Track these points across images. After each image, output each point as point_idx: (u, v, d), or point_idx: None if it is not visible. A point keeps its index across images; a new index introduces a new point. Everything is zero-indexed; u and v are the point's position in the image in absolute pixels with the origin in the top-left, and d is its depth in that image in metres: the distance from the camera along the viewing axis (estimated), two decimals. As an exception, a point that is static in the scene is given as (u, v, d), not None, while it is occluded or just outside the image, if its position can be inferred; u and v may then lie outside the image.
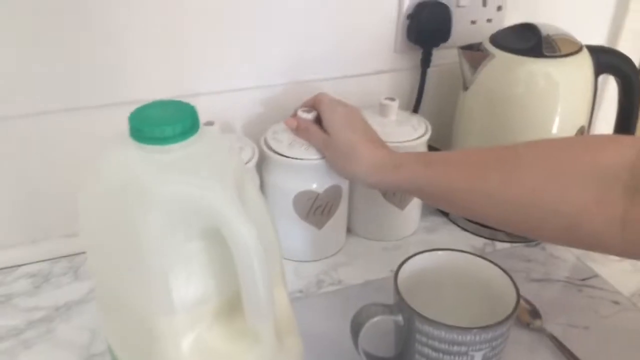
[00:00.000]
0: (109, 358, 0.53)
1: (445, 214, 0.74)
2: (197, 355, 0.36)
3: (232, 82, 0.67)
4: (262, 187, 0.64)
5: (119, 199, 0.35)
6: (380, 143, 0.58)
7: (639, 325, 0.59)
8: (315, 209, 0.63)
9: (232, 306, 0.36)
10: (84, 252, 0.65)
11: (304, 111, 0.62)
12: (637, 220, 0.41)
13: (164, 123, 0.34)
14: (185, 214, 0.33)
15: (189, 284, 0.35)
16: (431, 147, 0.69)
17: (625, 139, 0.47)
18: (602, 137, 0.51)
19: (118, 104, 0.62)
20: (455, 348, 0.46)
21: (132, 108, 0.35)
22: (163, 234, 0.34)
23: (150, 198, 0.33)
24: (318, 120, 0.62)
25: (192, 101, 0.37)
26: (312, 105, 0.63)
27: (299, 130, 0.62)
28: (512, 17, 0.71)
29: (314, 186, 0.62)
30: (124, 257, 0.36)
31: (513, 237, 0.70)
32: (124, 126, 0.35)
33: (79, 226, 0.39)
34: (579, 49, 0.63)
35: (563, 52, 0.62)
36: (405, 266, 0.51)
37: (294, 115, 0.63)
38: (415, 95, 0.73)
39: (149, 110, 0.35)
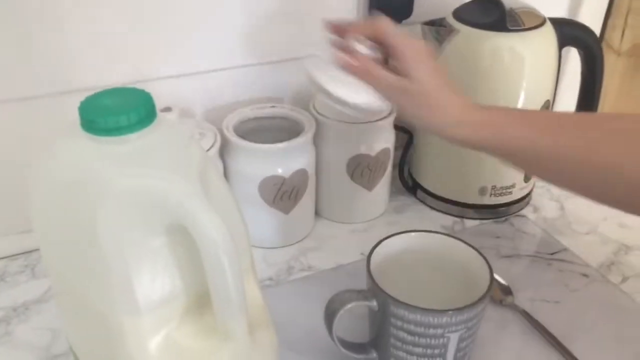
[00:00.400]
0: (71, 359, 0.51)
1: (413, 194, 0.73)
2: (165, 356, 0.34)
3: (189, 65, 0.64)
4: (226, 174, 0.62)
5: (73, 195, 0.32)
6: (460, 92, 0.50)
7: (609, 297, 0.59)
8: (282, 194, 0.62)
9: (201, 302, 0.35)
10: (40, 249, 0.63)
11: (361, 43, 0.50)
12: None
13: (118, 112, 0.31)
14: (146, 208, 0.31)
15: (154, 283, 0.33)
16: (397, 127, 0.68)
17: None
18: None
19: (69, 92, 0.59)
20: (431, 331, 0.45)
21: (84, 96, 0.33)
22: (123, 231, 0.32)
23: (107, 193, 0.31)
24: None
25: (147, 87, 0.34)
26: (372, 35, 0.51)
27: (358, 71, 0.50)
28: (474, -9, 0.70)
29: (280, 171, 0.60)
30: (83, 256, 0.34)
31: (482, 214, 0.69)
32: (76, 115, 0.33)
33: (33, 224, 0.36)
34: (542, 22, 0.62)
35: (527, 26, 0.61)
36: (377, 250, 0.50)
37: (340, 45, 0.51)
38: (379, 74, 0.71)
39: (100, 99, 0.32)
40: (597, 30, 0.84)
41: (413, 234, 0.52)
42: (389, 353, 0.48)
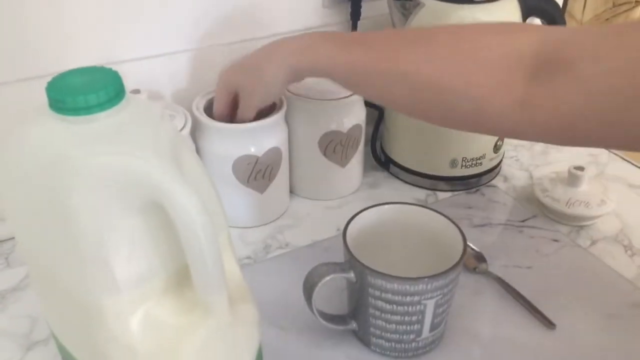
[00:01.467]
0: (52, 345, 0.51)
1: (386, 169, 0.74)
2: (147, 333, 0.34)
3: (157, 47, 0.64)
4: (199, 155, 0.62)
5: (44, 177, 0.32)
6: (282, 41, 0.56)
7: (578, 260, 0.61)
8: (256, 173, 0.62)
9: (180, 278, 0.35)
10: (13, 238, 0.62)
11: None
12: (533, 101, 0.43)
13: (87, 91, 0.31)
14: (120, 187, 0.31)
15: (132, 261, 0.33)
16: (367, 104, 0.68)
17: (532, 27, 0.48)
18: (512, 25, 0.52)
19: (32, 78, 0.58)
20: (408, 298, 0.46)
21: (48, 82, 0.32)
22: (97, 211, 0.32)
23: (79, 173, 0.31)
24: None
25: (117, 69, 0.34)
26: (224, 93, 0.59)
27: (239, 119, 0.60)
28: (438, -35, 0.71)
29: (253, 150, 0.60)
30: (58, 239, 0.33)
31: (453, 186, 0.71)
32: (40, 102, 0.33)
33: (3, 210, 0.36)
34: (506, -7, 0.63)
35: (491, -3, 0.62)
36: (352, 223, 0.51)
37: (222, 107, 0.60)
38: (348, 50, 0.72)
39: (67, 78, 0.32)
40: (560, 1, 0.85)
41: (386, 206, 0.52)
42: (369, 323, 0.49)
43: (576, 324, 0.53)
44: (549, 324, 0.53)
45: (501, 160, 0.73)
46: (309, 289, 0.48)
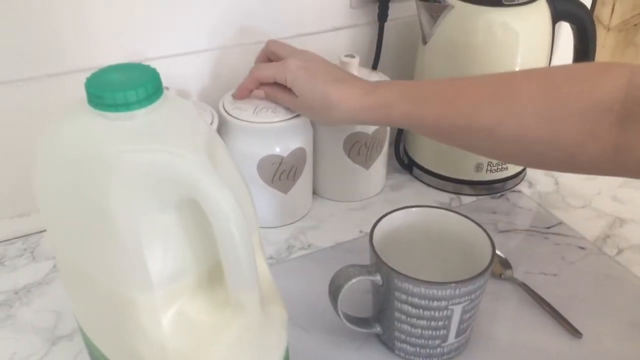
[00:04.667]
0: (77, 339, 0.51)
1: (409, 171, 0.74)
2: (179, 330, 0.34)
3: (184, 45, 0.64)
4: (224, 153, 0.62)
5: (81, 172, 0.32)
6: (352, 81, 0.56)
7: (605, 268, 0.60)
8: (281, 174, 0.62)
9: (212, 276, 0.35)
10: (39, 232, 0.63)
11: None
12: (627, 145, 0.44)
13: (126, 88, 0.31)
14: (156, 183, 0.31)
15: (166, 257, 0.33)
16: (393, 104, 0.68)
17: (615, 68, 0.47)
18: (596, 68, 0.50)
19: (65, 74, 0.59)
20: (435, 303, 0.46)
21: (81, 77, 0.32)
22: (134, 206, 0.32)
23: (117, 168, 0.31)
24: None
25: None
26: (266, 57, 0.61)
27: (268, 97, 0.61)
28: (467, -32, 0.70)
29: (278, 150, 0.60)
30: (92, 233, 0.33)
31: (477, 191, 0.70)
32: (73, 96, 0.33)
33: (37, 204, 0.36)
34: (536, -3, 0.63)
35: (521, 1, 0.62)
36: (379, 225, 0.51)
37: (253, 81, 0.60)
38: (374, 51, 0.72)
39: (107, 75, 0.32)
40: (588, 6, 0.84)
41: (414, 209, 0.52)
42: (394, 327, 0.49)
43: (602, 333, 0.53)
44: (575, 332, 0.52)
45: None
46: (335, 290, 0.48)
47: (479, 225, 0.50)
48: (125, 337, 0.36)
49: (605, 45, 0.89)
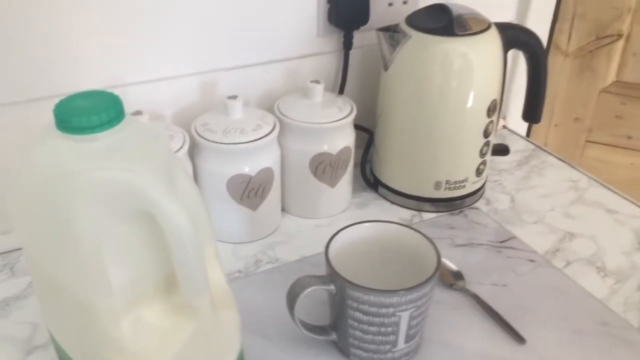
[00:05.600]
0: (51, 349, 0.54)
1: (375, 190, 0.78)
2: (137, 333, 0.38)
3: (159, 72, 0.68)
4: (196, 173, 0.65)
5: (50, 189, 0.36)
6: None
7: (552, 280, 0.64)
8: (249, 192, 0.65)
9: (169, 284, 0.38)
10: (18, 249, 0.66)
11: None
12: None
13: (90, 112, 0.35)
14: (116, 198, 0.35)
15: (125, 266, 0.36)
16: (357, 127, 0.72)
17: None
18: None
19: (45, 98, 0.62)
20: (384, 310, 0.49)
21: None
22: (96, 220, 0.35)
23: (81, 185, 0.35)
24: None
25: (119, 92, 0.38)
26: None
27: None
28: (427, -1, 0.75)
29: (246, 169, 0.64)
30: (60, 245, 0.37)
31: (438, 208, 0.74)
32: (49, 122, 0.36)
33: (12, 221, 0.40)
34: (487, 27, 0.67)
35: (473, 30, 0.66)
36: (335, 239, 0.54)
37: None
38: (339, 77, 0.76)
39: (73, 101, 0.36)
40: (546, 34, 0.89)
41: (367, 224, 0.56)
42: (348, 333, 0.52)
43: (546, 339, 0.56)
44: (519, 339, 0.56)
45: (484, 184, 0.77)
46: (291, 299, 0.51)
47: (427, 238, 0.54)
48: (89, 340, 0.39)
49: (563, 71, 0.94)
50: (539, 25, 0.87)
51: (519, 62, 0.86)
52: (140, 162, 0.36)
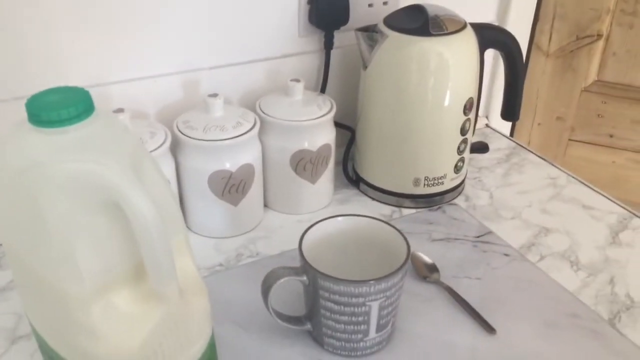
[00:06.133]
0: (34, 339, 0.56)
1: (356, 187, 0.79)
2: (107, 319, 0.39)
3: (142, 70, 0.70)
4: (178, 169, 0.67)
5: (22, 182, 0.38)
6: None
7: (526, 273, 0.65)
8: (230, 187, 0.67)
9: (138, 272, 0.40)
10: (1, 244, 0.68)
11: None
12: None
13: (60, 107, 0.37)
14: (86, 189, 0.37)
15: (94, 254, 0.38)
16: (338, 124, 0.74)
17: None
18: None
19: (24, 97, 0.64)
20: (354, 300, 0.51)
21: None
22: (66, 210, 0.37)
23: (50, 177, 0.36)
24: None
25: (103, 90, 0.40)
26: None
27: None
28: (407, 0, 0.77)
29: (227, 165, 0.66)
30: (33, 235, 0.39)
31: (417, 204, 0.75)
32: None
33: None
34: (463, 27, 0.69)
35: (449, 30, 0.68)
36: (309, 232, 0.56)
37: None
38: (321, 76, 0.78)
39: (44, 96, 0.38)
40: (527, 35, 0.91)
41: (340, 218, 0.57)
42: (321, 323, 0.54)
43: (516, 330, 0.58)
44: (489, 329, 0.57)
45: (463, 181, 0.79)
46: (265, 289, 0.53)
47: (398, 231, 0.55)
48: (63, 327, 0.41)
49: (545, 71, 0.95)
50: (520, 26, 0.88)
51: (499, 61, 0.88)
52: (109, 154, 0.37)
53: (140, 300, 0.40)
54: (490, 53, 0.79)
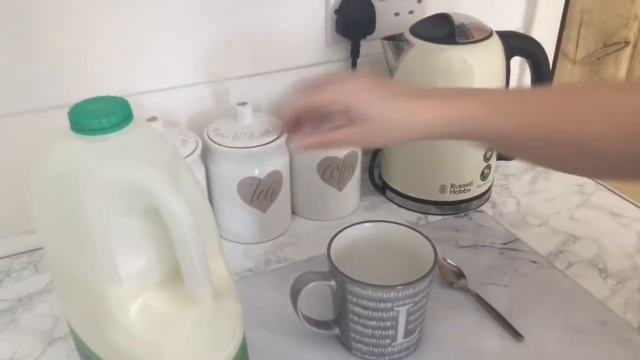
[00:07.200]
0: (71, 340, 0.57)
1: (382, 194, 0.80)
2: (144, 319, 0.40)
3: (173, 80, 0.71)
4: (208, 176, 0.69)
5: (64, 186, 0.39)
6: (417, 94, 0.51)
7: (553, 280, 0.65)
8: (259, 194, 0.68)
9: (174, 274, 0.41)
10: (42, 248, 0.70)
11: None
12: None
13: (101, 115, 0.38)
14: (124, 194, 0.38)
15: (133, 256, 0.39)
16: (364, 132, 0.75)
17: None
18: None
19: (65, 106, 0.66)
20: (382, 305, 0.51)
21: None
22: (106, 214, 0.38)
23: (92, 182, 0.38)
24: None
25: (137, 99, 0.41)
26: (314, 107, 0.54)
27: (319, 147, 0.56)
28: (433, 8, 0.77)
29: (256, 172, 0.67)
30: (74, 238, 0.40)
31: (444, 211, 0.76)
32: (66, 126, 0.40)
33: (32, 216, 0.43)
34: (489, 35, 0.69)
35: (475, 39, 0.68)
36: (337, 238, 0.57)
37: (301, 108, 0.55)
38: (348, 85, 0.78)
39: (86, 105, 0.39)
40: (553, 42, 0.91)
41: (368, 224, 0.58)
42: (349, 328, 0.55)
43: (544, 337, 0.58)
44: (517, 335, 0.57)
45: (490, 188, 0.79)
46: (294, 294, 0.54)
47: (425, 237, 0.56)
48: (101, 326, 0.42)
49: (572, 79, 0.95)
50: (546, 33, 0.88)
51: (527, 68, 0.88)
52: (147, 160, 0.39)
53: (175, 302, 0.41)
54: (516, 61, 0.80)
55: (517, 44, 0.72)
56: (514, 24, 0.89)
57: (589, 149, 0.47)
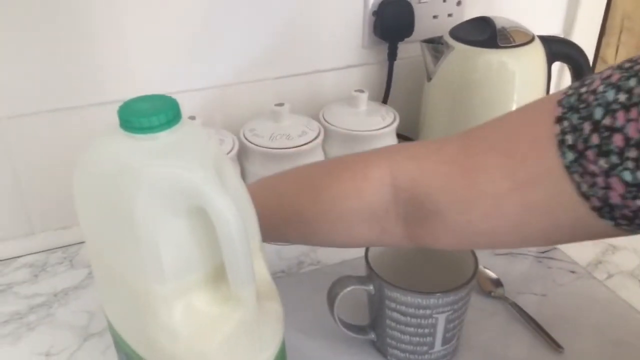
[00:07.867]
0: (106, 336, 0.58)
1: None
2: (187, 319, 0.40)
3: (210, 80, 0.72)
4: (243, 175, 0.69)
5: (112, 184, 0.39)
6: None
7: (593, 291, 0.64)
8: (294, 195, 0.68)
9: (218, 274, 0.41)
10: (78, 243, 0.70)
11: None
12: (417, 239, 0.47)
13: (151, 114, 0.38)
14: (172, 193, 0.38)
15: (178, 255, 0.39)
16: (400, 135, 0.74)
17: (372, 171, 0.47)
18: (352, 178, 0.48)
19: (106, 103, 0.67)
20: (421, 311, 0.51)
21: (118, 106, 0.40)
22: (153, 212, 0.38)
23: (140, 181, 0.38)
24: None
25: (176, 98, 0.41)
26: None
27: None
28: (472, 11, 0.77)
29: (292, 174, 0.67)
30: (120, 236, 0.40)
31: (479, 216, 0.75)
32: (110, 123, 0.40)
33: (76, 212, 0.43)
34: (531, 39, 0.68)
35: (516, 43, 0.67)
36: (375, 242, 0.56)
37: None
38: (384, 87, 0.78)
39: (135, 103, 0.39)
40: (592, 48, 0.89)
41: (407, 228, 0.57)
42: (386, 333, 0.54)
43: (583, 348, 0.57)
44: (556, 346, 0.56)
45: (526, 195, 0.77)
46: (332, 297, 0.53)
47: (465, 244, 0.55)
48: (143, 324, 0.42)
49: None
50: (586, 38, 0.87)
51: (566, 74, 0.87)
52: (195, 160, 0.39)
53: (219, 303, 0.41)
54: (555, 66, 0.78)
55: (559, 49, 0.71)
56: (553, 29, 0.88)
57: None
